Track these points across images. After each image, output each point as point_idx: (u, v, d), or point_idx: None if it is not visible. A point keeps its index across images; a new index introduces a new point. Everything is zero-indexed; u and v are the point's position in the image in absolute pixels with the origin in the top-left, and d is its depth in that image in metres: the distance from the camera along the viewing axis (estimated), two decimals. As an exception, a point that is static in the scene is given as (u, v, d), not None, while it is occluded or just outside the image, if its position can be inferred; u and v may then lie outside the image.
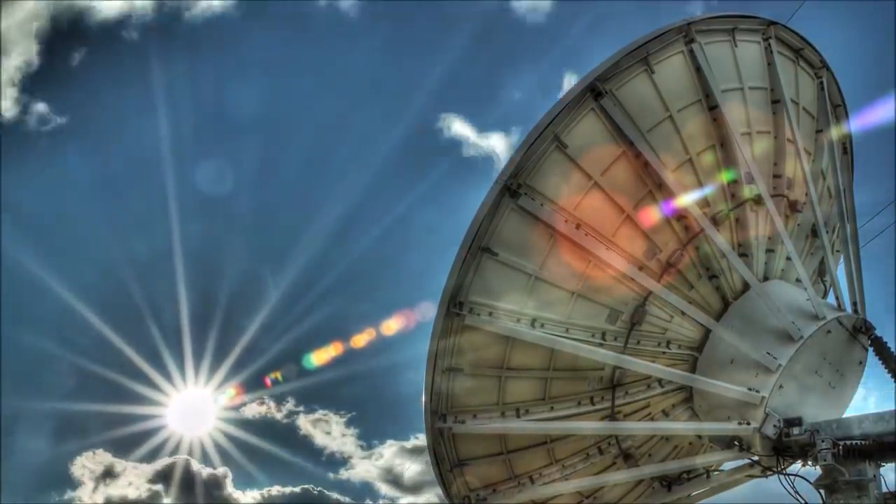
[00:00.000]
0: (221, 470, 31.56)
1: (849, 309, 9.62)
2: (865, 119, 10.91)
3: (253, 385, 33.10)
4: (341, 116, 34.61)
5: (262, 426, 32.76)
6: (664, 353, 9.33)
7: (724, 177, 9.45)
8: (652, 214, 8.96)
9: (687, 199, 8.89)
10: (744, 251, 9.56)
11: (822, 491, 7.86)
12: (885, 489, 7.77)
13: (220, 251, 34.01)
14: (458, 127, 33.74)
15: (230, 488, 31.90)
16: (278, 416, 33.43)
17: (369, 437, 36.17)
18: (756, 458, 8.38)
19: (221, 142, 33.74)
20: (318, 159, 35.18)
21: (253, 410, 32.51)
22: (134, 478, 30.89)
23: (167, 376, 29.01)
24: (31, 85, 30.18)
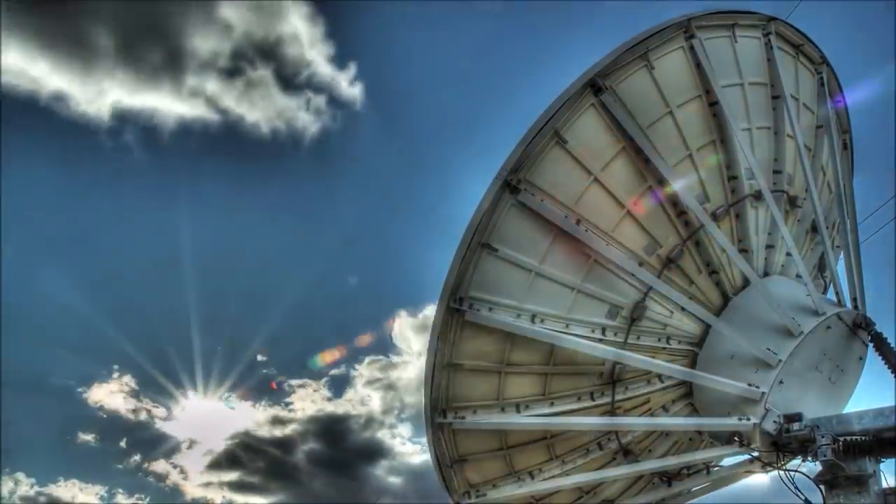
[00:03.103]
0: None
1: (849, 305, 9.64)
2: (856, 95, 10.93)
3: (260, 392, 33.42)
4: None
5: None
6: (664, 348, 9.33)
7: (724, 172, 9.46)
8: (652, 210, 8.95)
9: (687, 195, 8.89)
10: (744, 247, 9.56)
11: (822, 486, 7.87)
12: (884, 485, 7.77)
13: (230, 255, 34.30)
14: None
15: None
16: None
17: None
18: (756, 453, 8.39)
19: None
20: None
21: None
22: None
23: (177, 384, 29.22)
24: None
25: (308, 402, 34.95)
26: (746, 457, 8.82)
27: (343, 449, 34.52)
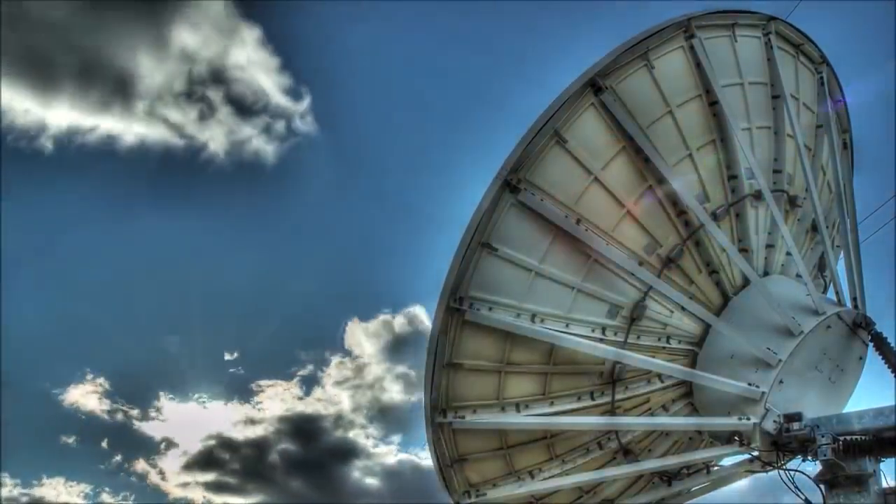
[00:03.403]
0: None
1: (849, 304, 9.63)
2: (856, 94, 10.96)
3: (245, 395, 33.49)
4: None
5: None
6: (664, 348, 9.32)
7: (724, 172, 9.45)
8: (652, 210, 8.95)
9: (687, 195, 8.89)
10: (744, 246, 9.56)
11: (822, 486, 7.87)
12: (884, 484, 7.77)
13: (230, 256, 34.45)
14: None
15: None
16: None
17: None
18: (756, 453, 8.38)
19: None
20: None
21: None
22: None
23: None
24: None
25: (277, 401, 35.05)
26: (746, 456, 8.82)
27: (317, 449, 34.60)
